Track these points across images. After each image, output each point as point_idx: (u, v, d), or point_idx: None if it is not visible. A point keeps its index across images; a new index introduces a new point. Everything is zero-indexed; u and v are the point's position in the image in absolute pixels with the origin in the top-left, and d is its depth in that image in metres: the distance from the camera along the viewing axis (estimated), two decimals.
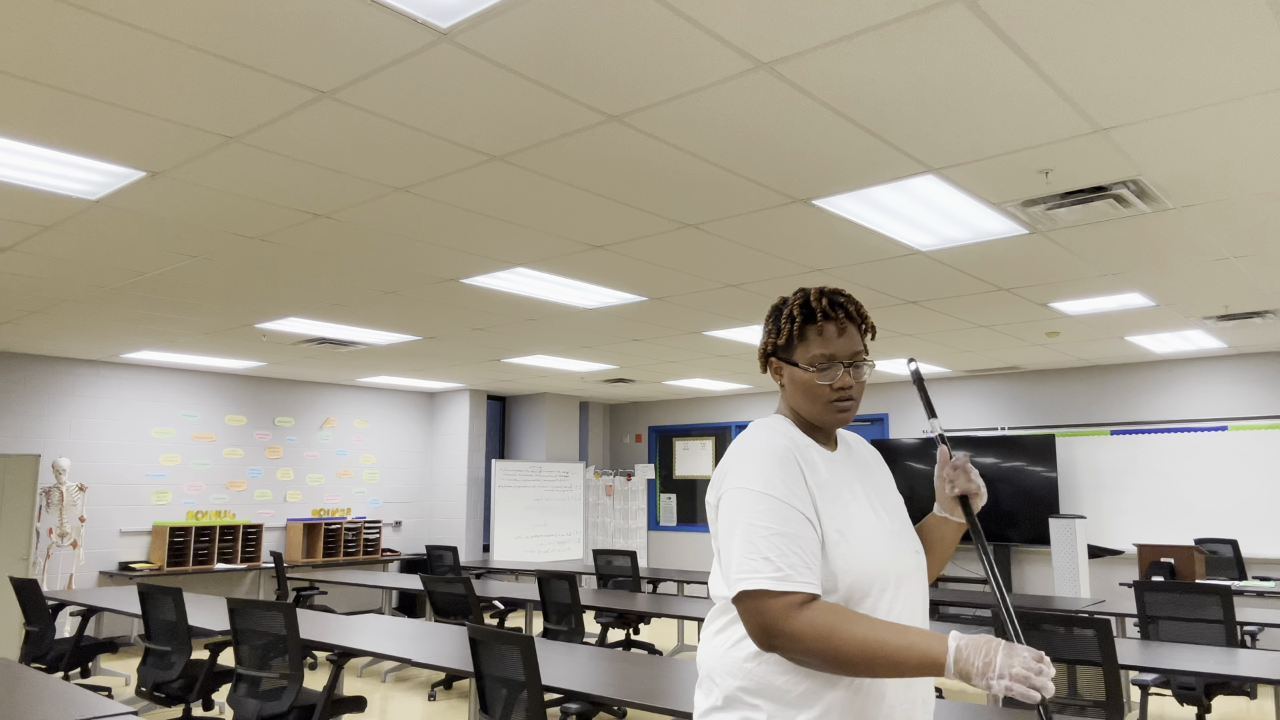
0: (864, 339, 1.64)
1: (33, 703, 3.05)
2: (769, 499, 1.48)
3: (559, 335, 7.08)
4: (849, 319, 1.61)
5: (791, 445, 1.57)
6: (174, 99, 2.86)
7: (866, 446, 1.75)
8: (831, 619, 1.41)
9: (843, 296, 1.64)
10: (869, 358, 1.62)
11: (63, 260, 4.82)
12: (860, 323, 1.63)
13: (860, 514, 1.57)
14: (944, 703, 3.26)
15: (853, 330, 1.61)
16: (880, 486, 1.66)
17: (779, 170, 3.50)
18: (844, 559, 1.49)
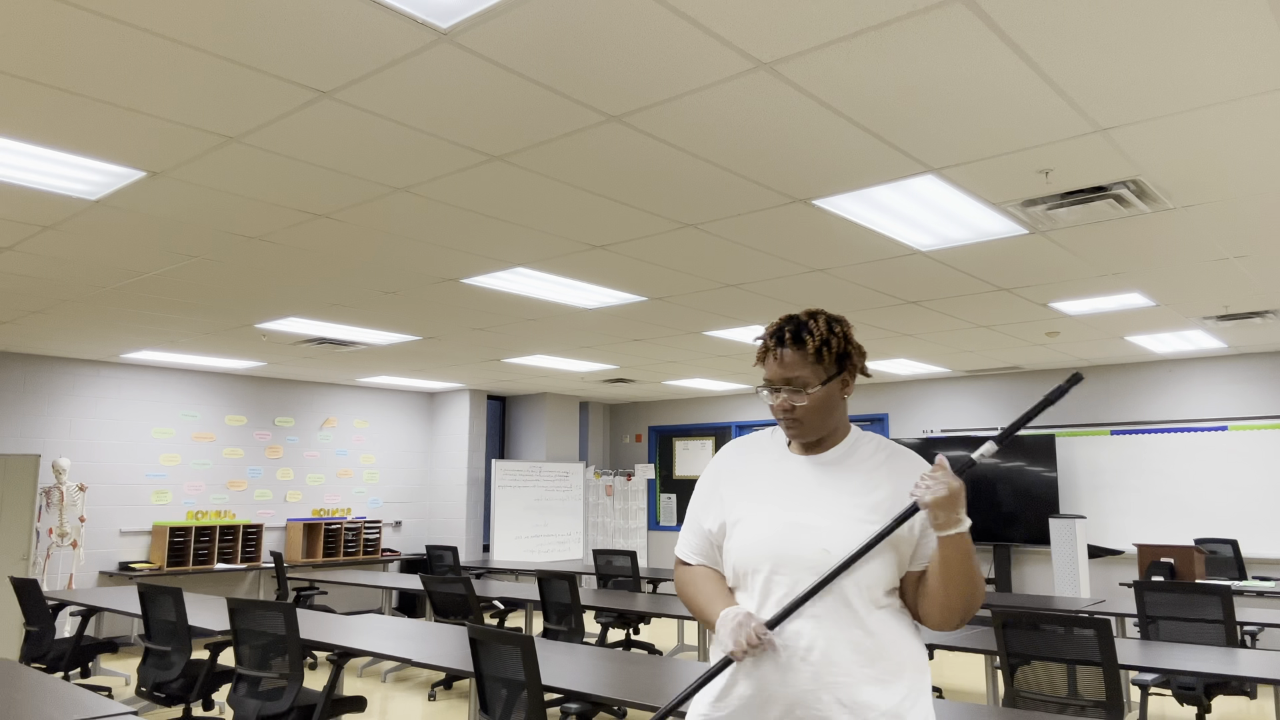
0: (813, 362, 1.78)
1: (33, 703, 3.05)
2: (698, 489, 1.94)
3: (559, 335, 7.08)
4: (788, 345, 1.80)
5: (743, 445, 1.93)
6: (174, 99, 2.86)
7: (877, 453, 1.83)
8: (683, 579, 1.89)
9: (791, 326, 1.83)
10: (815, 381, 1.77)
11: (63, 260, 4.82)
12: (802, 347, 1.78)
13: (765, 509, 1.80)
14: (944, 703, 3.26)
15: (792, 357, 1.79)
16: (836, 488, 1.78)
17: (779, 170, 3.50)
18: (732, 542, 1.81)
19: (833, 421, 1.82)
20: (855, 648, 1.67)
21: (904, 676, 1.69)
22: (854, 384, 1.84)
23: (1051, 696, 3.81)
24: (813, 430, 1.81)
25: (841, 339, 1.81)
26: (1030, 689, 3.88)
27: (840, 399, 1.82)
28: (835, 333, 1.80)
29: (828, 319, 1.83)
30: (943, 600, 1.68)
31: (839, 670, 1.66)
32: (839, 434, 1.85)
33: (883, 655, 1.68)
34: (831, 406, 1.80)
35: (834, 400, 1.80)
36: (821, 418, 1.80)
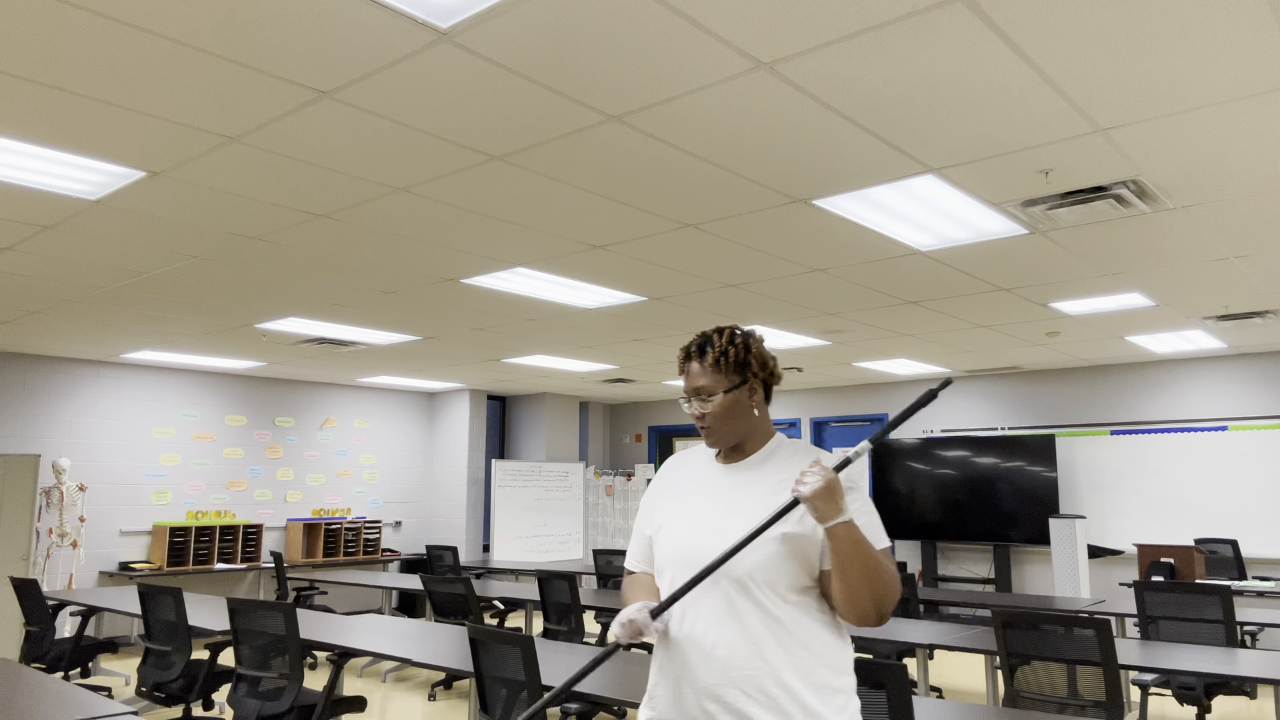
0: (714, 373, 1.91)
1: (33, 703, 3.05)
2: (642, 501, 2.06)
3: (559, 335, 7.08)
4: (694, 359, 1.96)
5: (683, 456, 2.06)
6: (174, 99, 2.86)
7: (792, 457, 1.93)
8: (623, 586, 2.02)
9: (699, 340, 1.98)
10: (717, 389, 1.90)
11: (63, 260, 4.82)
12: (704, 359, 1.94)
13: (684, 514, 1.92)
14: (944, 703, 3.26)
15: (698, 369, 1.94)
16: (749, 492, 1.88)
17: (779, 170, 3.50)
18: (656, 548, 1.95)
19: (744, 428, 1.93)
20: (760, 642, 1.74)
21: (816, 673, 1.74)
22: (762, 393, 1.95)
23: (1051, 696, 3.81)
24: (724, 437, 1.92)
25: (741, 349, 1.93)
26: (1030, 689, 3.88)
27: (748, 407, 1.92)
28: (735, 344, 1.93)
29: (731, 332, 1.96)
30: (845, 592, 1.72)
31: (744, 664, 1.73)
32: (757, 441, 1.95)
33: (791, 650, 1.74)
34: (739, 414, 1.91)
35: (741, 408, 1.91)
36: (730, 425, 1.91)
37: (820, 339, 7.26)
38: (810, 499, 1.69)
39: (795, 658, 1.73)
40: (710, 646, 1.76)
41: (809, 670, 1.73)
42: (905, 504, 9.53)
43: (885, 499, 9.64)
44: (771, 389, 1.99)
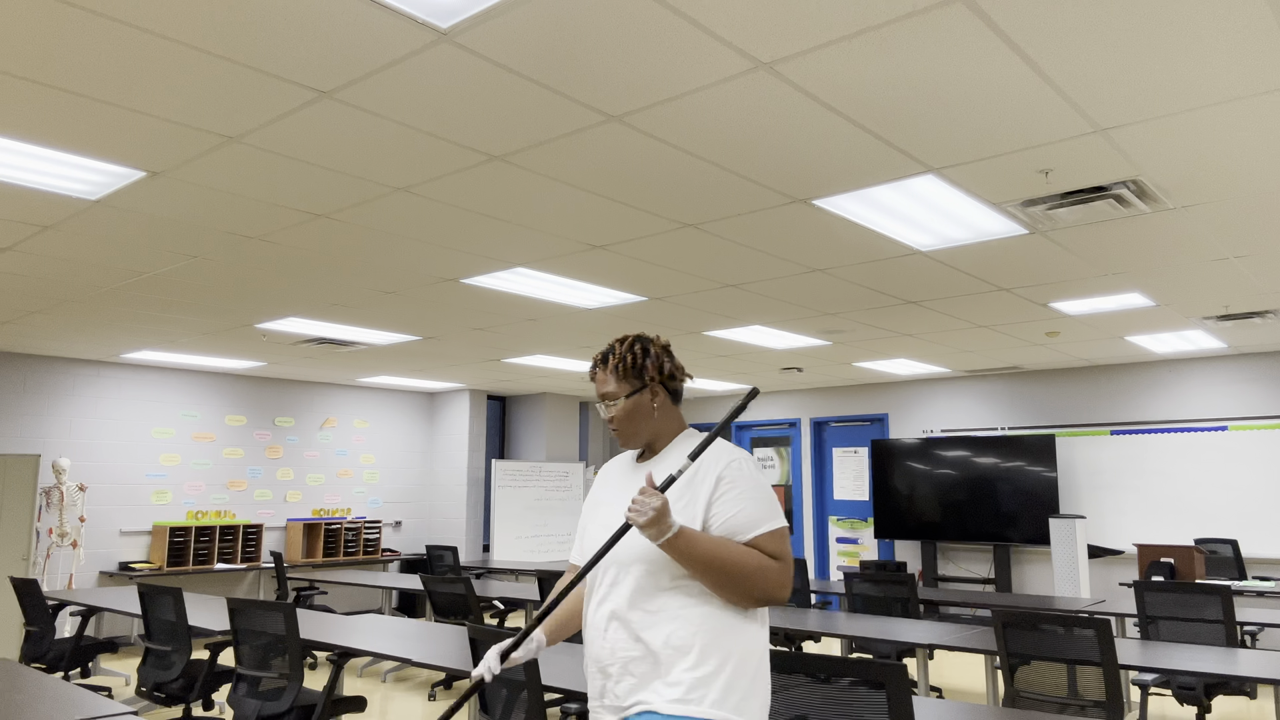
0: (617, 378, 2.08)
1: (33, 703, 3.05)
2: None
3: (559, 335, 7.08)
4: (599, 366, 2.11)
5: (613, 463, 2.21)
6: (174, 99, 2.86)
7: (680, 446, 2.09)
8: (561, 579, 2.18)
9: (605, 349, 2.12)
10: (619, 394, 2.07)
11: (63, 260, 4.82)
12: (606, 366, 2.09)
13: (597, 514, 2.13)
14: (944, 703, 3.26)
15: (602, 375, 2.10)
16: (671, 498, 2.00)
17: (779, 170, 3.50)
18: (578, 544, 2.19)
19: (650, 429, 2.09)
20: (639, 628, 1.91)
21: (688, 654, 1.88)
22: (665, 395, 2.10)
23: (1051, 696, 3.81)
24: (632, 438, 2.09)
25: (639, 355, 2.08)
26: (1030, 689, 3.88)
27: (650, 409, 2.08)
28: (633, 351, 2.08)
29: (632, 340, 2.11)
30: (710, 587, 1.89)
31: (625, 645, 1.92)
32: (665, 439, 2.11)
33: (670, 633, 1.89)
34: (642, 416, 2.08)
35: (643, 410, 2.07)
36: (634, 426, 2.08)
37: (820, 339, 7.26)
38: (641, 528, 1.86)
39: (675, 640, 1.88)
40: (603, 630, 1.97)
41: (688, 652, 1.87)
42: (905, 504, 9.53)
43: (885, 499, 9.64)
44: (678, 391, 2.14)
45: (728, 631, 1.90)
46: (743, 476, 1.97)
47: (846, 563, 10.34)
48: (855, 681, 2.38)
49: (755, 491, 1.96)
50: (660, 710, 1.86)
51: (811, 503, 10.58)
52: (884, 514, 9.65)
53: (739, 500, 1.94)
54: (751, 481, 1.97)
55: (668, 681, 1.87)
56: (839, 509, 10.52)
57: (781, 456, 11.06)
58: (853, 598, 6.10)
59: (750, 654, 1.91)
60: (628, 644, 1.93)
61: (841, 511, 10.50)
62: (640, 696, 1.89)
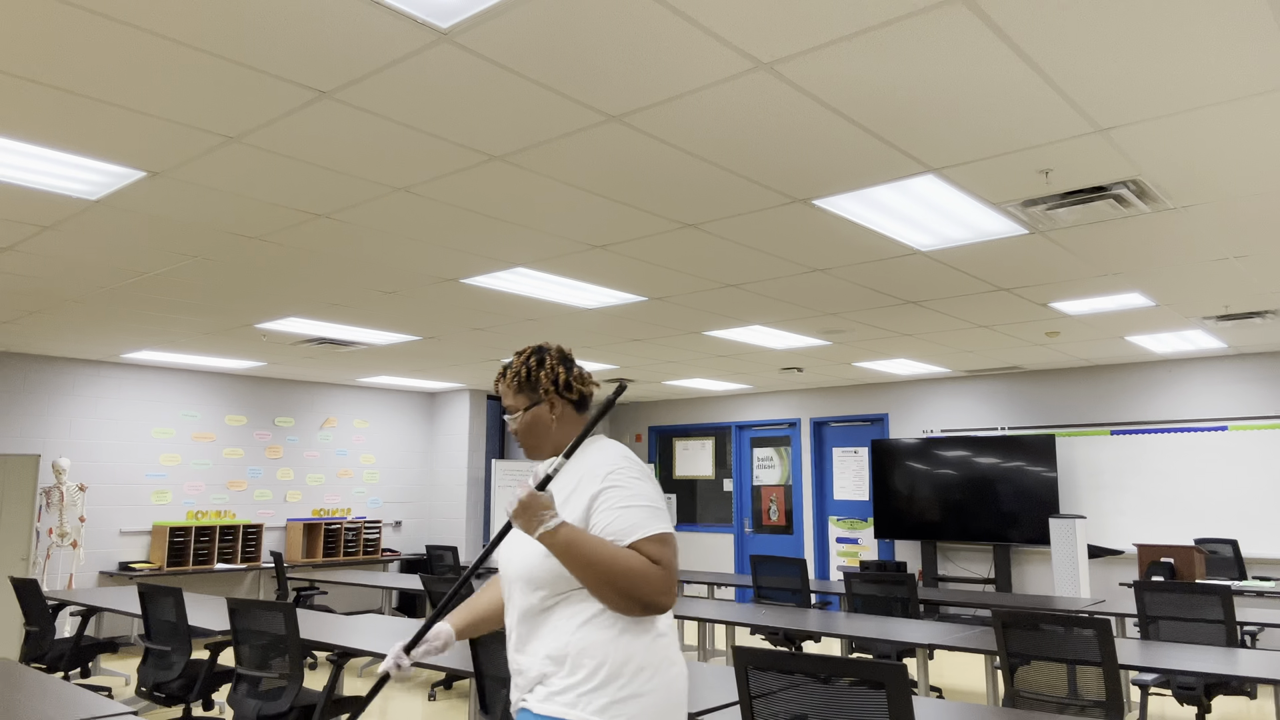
0: (515, 391, 2.11)
1: (33, 703, 3.05)
2: None
3: (559, 335, 7.08)
4: (500, 380, 2.14)
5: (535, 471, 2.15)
6: (174, 99, 2.86)
7: (588, 462, 2.04)
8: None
9: (504, 364, 2.19)
10: (518, 408, 2.11)
11: (63, 260, 4.82)
12: (504, 380, 2.13)
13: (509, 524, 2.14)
14: (944, 703, 3.26)
15: (503, 389, 2.13)
16: (559, 497, 2.01)
17: (779, 170, 3.50)
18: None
19: (551, 441, 2.11)
20: (526, 637, 1.97)
21: (563, 663, 1.90)
22: (565, 406, 2.11)
23: (1051, 696, 3.81)
24: (535, 449, 2.12)
25: (533, 369, 2.09)
26: (1030, 689, 3.88)
27: (549, 421, 2.10)
28: (528, 365, 2.10)
29: (529, 353, 2.12)
30: (589, 588, 1.89)
31: (523, 652, 1.97)
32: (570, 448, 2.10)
33: (548, 646, 1.93)
34: (541, 428, 2.10)
35: (542, 422, 2.10)
36: (536, 438, 2.11)
37: (820, 339, 7.27)
38: (512, 518, 1.89)
39: (552, 651, 1.91)
40: (509, 637, 2.03)
41: (562, 662, 1.90)
42: (905, 504, 9.53)
43: (885, 499, 9.64)
44: (583, 399, 2.13)
45: (606, 643, 1.90)
46: (627, 480, 1.96)
47: (846, 563, 10.34)
48: (855, 681, 2.38)
49: (638, 496, 1.94)
50: (533, 709, 1.91)
51: (811, 503, 10.58)
52: (884, 514, 9.65)
53: (621, 504, 1.92)
54: (636, 486, 1.96)
55: (545, 685, 1.92)
56: (839, 509, 10.52)
57: (781, 456, 11.06)
58: (853, 598, 6.10)
59: (628, 663, 1.89)
60: (516, 653, 2.00)
61: (841, 511, 10.50)
62: (522, 696, 1.98)
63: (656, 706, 1.90)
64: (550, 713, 1.88)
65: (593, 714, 1.85)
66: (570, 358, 2.16)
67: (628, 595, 1.85)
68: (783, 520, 10.96)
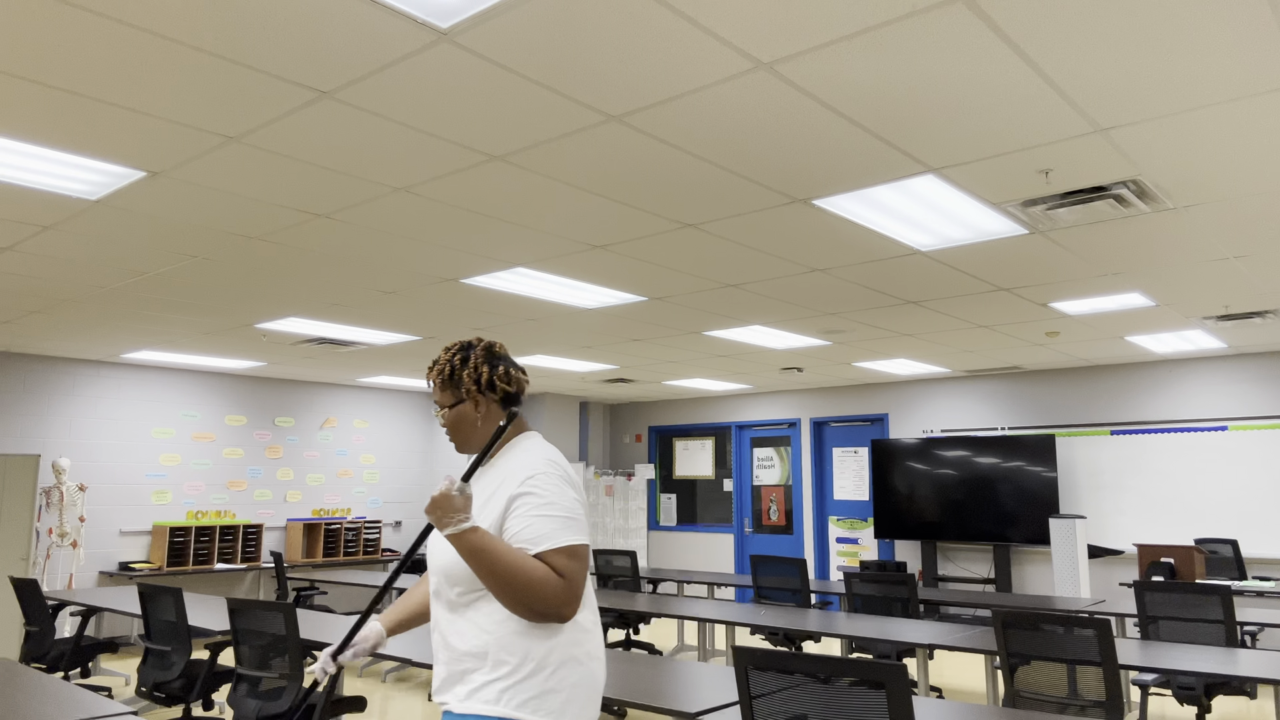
0: (441, 389, 2.11)
1: (33, 703, 3.05)
2: None
3: (559, 335, 7.08)
4: (428, 376, 2.16)
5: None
6: (174, 99, 2.86)
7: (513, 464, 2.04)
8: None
9: (434, 359, 2.15)
10: (444, 404, 2.11)
11: (63, 260, 4.82)
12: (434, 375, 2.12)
13: None
14: (944, 703, 3.26)
15: (433, 385, 2.14)
16: (480, 496, 2.04)
17: (779, 170, 3.50)
18: None
19: (477, 438, 2.11)
20: (447, 634, 1.99)
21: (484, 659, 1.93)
22: (491, 404, 2.09)
23: (1051, 696, 3.81)
24: (463, 444, 2.13)
25: (457, 366, 2.09)
26: (1030, 689, 3.88)
27: (474, 418, 2.09)
28: (452, 363, 2.10)
29: (455, 350, 2.12)
30: (491, 592, 1.89)
31: (445, 647, 1.99)
32: (499, 445, 2.11)
33: (469, 642, 1.95)
34: (466, 425, 2.10)
35: (467, 420, 2.10)
36: (463, 435, 2.11)
37: (820, 339, 7.27)
38: (428, 513, 1.89)
39: (471, 647, 1.93)
40: (435, 632, 2.03)
41: (484, 658, 1.92)
42: (905, 504, 9.53)
43: (885, 499, 9.65)
44: (510, 396, 2.11)
45: (525, 635, 1.92)
46: (545, 487, 1.95)
47: (846, 563, 10.34)
48: (855, 681, 2.38)
49: (553, 505, 1.93)
50: (454, 709, 1.92)
51: (811, 503, 10.58)
52: (884, 514, 9.65)
53: (535, 512, 1.92)
54: (552, 493, 1.95)
55: (464, 683, 1.94)
56: (839, 509, 10.52)
57: (781, 456, 11.06)
58: (853, 598, 6.10)
59: (550, 656, 1.91)
60: (440, 647, 2.01)
61: (841, 511, 10.50)
62: (444, 696, 1.98)
63: (578, 701, 1.92)
64: (472, 710, 1.89)
65: (515, 709, 1.87)
66: (498, 354, 2.13)
67: (526, 605, 1.85)
68: (783, 520, 10.96)
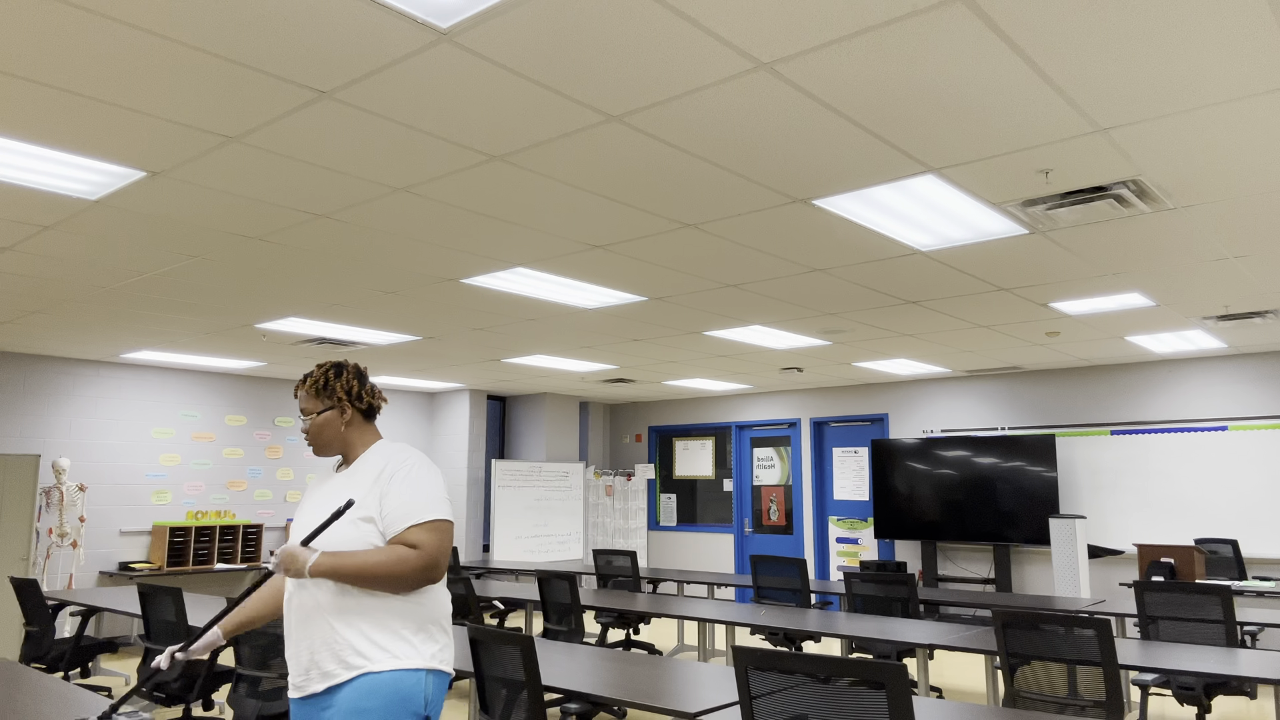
0: (311, 396, 2.44)
1: (33, 703, 3.05)
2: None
3: (559, 335, 7.08)
4: (300, 386, 2.47)
5: (323, 470, 2.43)
6: (174, 99, 2.86)
7: (374, 461, 2.40)
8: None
9: (306, 372, 2.51)
10: (312, 410, 2.44)
11: (63, 260, 4.82)
12: (305, 385, 2.45)
13: (300, 518, 2.44)
14: (944, 703, 3.26)
15: (301, 393, 2.46)
16: (337, 494, 2.38)
17: (779, 170, 3.50)
18: None
19: (341, 442, 2.45)
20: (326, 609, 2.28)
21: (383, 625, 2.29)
22: (355, 413, 2.45)
23: (1051, 696, 3.81)
24: (323, 448, 2.45)
25: (331, 378, 2.43)
26: (1030, 689, 3.88)
27: (339, 425, 2.44)
28: (327, 375, 2.44)
29: (329, 366, 2.46)
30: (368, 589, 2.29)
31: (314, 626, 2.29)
32: (357, 451, 2.46)
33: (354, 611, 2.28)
34: (331, 431, 2.44)
35: (333, 426, 2.43)
36: (327, 439, 2.44)
37: (820, 339, 7.27)
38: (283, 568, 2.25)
39: (359, 616, 2.26)
40: (295, 617, 2.32)
41: (374, 623, 2.27)
42: (905, 504, 9.53)
43: (885, 499, 9.65)
44: (372, 409, 2.48)
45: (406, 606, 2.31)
46: (406, 472, 2.33)
47: (846, 563, 10.34)
48: (855, 681, 2.38)
49: (409, 486, 2.31)
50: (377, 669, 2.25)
51: (811, 503, 10.58)
52: (884, 514, 9.65)
53: (395, 495, 2.30)
54: (407, 476, 2.32)
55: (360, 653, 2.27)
56: (839, 509, 10.52)
57: (781, 456, 11.06)
58: (853, 598, 6.10)
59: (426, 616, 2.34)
60: (317, 626, 2.29)
61: (841, 511, 10.50)
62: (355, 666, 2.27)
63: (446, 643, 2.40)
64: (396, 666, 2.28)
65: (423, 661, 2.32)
66: (365, 374, 2.51)
67: (398, 583, 2.26)
68: (783, 520, 10.96)
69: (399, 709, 2.25)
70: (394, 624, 2.28)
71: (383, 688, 2.24)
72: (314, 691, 2.28)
